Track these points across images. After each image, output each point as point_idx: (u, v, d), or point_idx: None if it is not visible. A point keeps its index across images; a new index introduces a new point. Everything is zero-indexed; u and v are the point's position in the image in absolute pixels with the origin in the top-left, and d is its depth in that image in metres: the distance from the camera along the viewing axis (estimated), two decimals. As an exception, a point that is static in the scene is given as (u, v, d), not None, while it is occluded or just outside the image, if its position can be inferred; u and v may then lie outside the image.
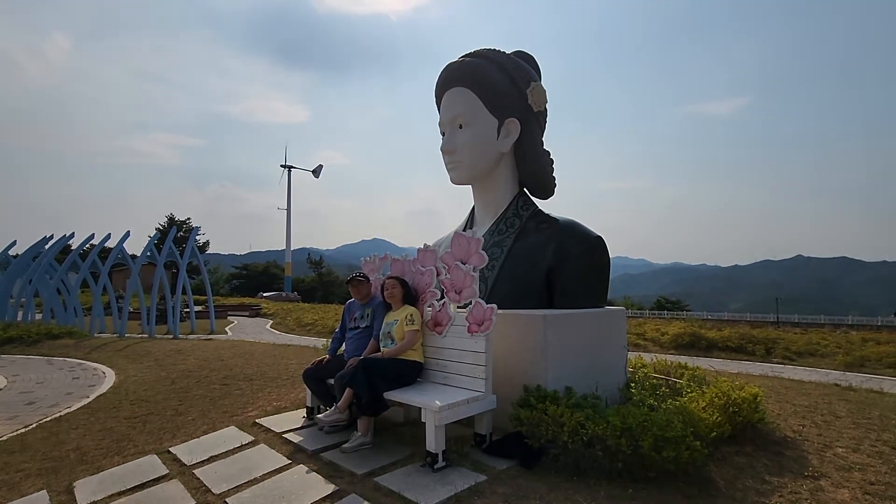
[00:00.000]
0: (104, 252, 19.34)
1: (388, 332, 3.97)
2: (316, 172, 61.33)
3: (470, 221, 5.33)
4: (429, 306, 4.05)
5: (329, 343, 4.92)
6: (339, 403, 3.67)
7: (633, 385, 4.57)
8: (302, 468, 3.36)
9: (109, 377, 8.60)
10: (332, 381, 4.10)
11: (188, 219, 55.45)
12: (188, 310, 18.65)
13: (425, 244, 4.26)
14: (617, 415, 3.17)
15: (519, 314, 3.90)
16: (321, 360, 4.28)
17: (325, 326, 18.61)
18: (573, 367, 3.94)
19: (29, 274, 16.39)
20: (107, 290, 16.64)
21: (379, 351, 4.13)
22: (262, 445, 3.87)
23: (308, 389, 4.39)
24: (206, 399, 6.27)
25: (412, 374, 3.89)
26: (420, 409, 3.33)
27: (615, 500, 2.85)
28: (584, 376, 4.01)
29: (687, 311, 51.19)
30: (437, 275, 4.02)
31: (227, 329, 19.19)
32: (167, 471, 3.54)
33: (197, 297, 29.88)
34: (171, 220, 52.74)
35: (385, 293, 4.10)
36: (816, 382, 8.73)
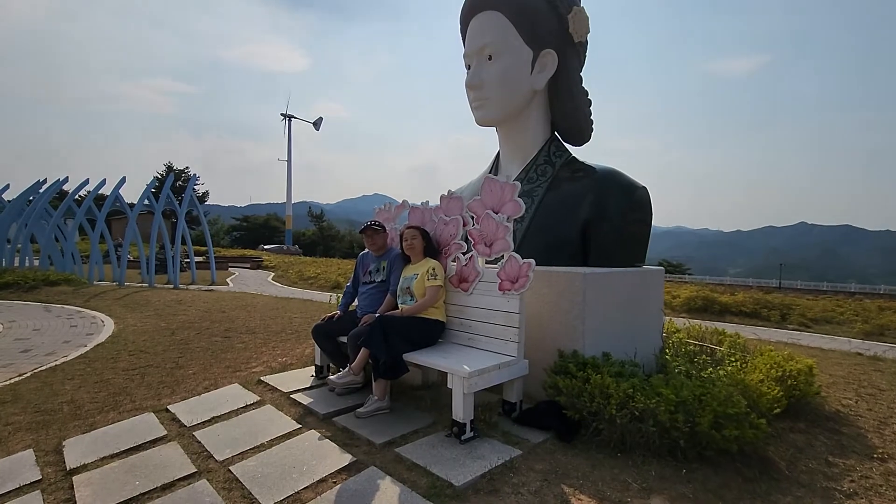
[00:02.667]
0: (100, 199, 18.82)
1: (407, 288, 3.56)
2: (316, 125, 59.68)
3: (494, 169, 4.82)
4: (453, 260, 3.63)
5: (340, 298, 4.54)
6: (353, 364, 3.31)
7: (668, 352, 4.22)
8: (313, 434, 3.03)
9: (108, 326, 8.32)
10: (343, 338, 3.74)
11: (186, 167, 54.41)
12: (188, 260, 18.33)
13: (449, 190, 3.78)
14: (669, 387, 2.81)
15: (556, 271, 3.47)
16: (332, 316, 3.90)
17: (327, 280, 18.36)
18: (611, 331, 3.56)
19: (24, 218, 15.94)
20: (104, 237, 16.24)
21: (396, 308, 3.73)
22: (268, 406, 3.54)
23: (317, 346, 4.04)
24: (208, 352, 5.98)
25: (434, 334, 3.51)
26: (444, 373, 2.97)
27: (668, 482, 2.52)
28: (621, 341, 3.64)
29: (689, 274, 51.16)
30: (464, 225, 3.57)
31: (228, 280, 18.97)
32: (165, 432, 3.22)
33: (197, 247, 29.59)
34: (170, 168, 51.76)
35: (403, 244, 3.66)
36: (840, 351, 8.47)
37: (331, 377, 3.29)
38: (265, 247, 44.03)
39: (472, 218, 3.52)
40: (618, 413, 2.68)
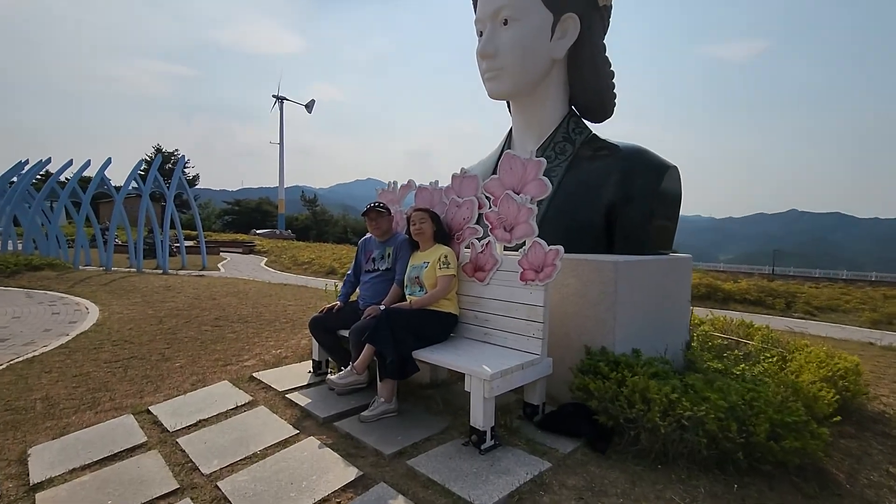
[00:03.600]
0: (85, 181, 18.18)
1: (416, 277, 3.20)
2: (309, 107, 58.48)
3: (507, 147, 4.43)
4: (467, 247, 3.26)
5: (339, 286, 4.18)
6: (356, 363, 2.95)
7: (696, 346, 3.92)
8: (313, 442, 2.69)
9: (93, 313, 7.91)
10: (344, 332, 3.38)
11: (176, 150, 53.26)
12: (178, 244, 17.82)
13: (462, 168, 3.39)
14: (715, 390, 2.49)
15: (583, 259, 3.12)
16: (331, 308, 3.53)
17: (322, 266, 17.95)
18: (641, 325, 3.23)
19: (5, 201, 15.33)
20: (90, 220, 15.69)
21: (402, 299, 3.38)
22: (261, 408, 3.19)
23: (314, 341, 3.68)
24: (197, 342, 5.61)
25: (446, 328, 3.16)
26: (455, 371, 2.62)
27: (720, 501, 2.21)
28: (651, 336, 3.31)
29: (683, 261, 51.09)
30: (479, 207, 3.20)
31: (219, 265, 18.50)
32: (145, 438, 2.86)
33: (187, 231, 28.97)
34: (158, 150, 50.62)
35: (411, 228, 3.29)
36: (853, 342, 8.25)
37: (331, 377, 2.93)
38: (257, 231, 43.39)
39: (489, 199, 3.15)
40: (662, 422, 2.35)
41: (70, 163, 16.21)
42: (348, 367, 2.94)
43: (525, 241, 2.91)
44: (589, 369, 2.80)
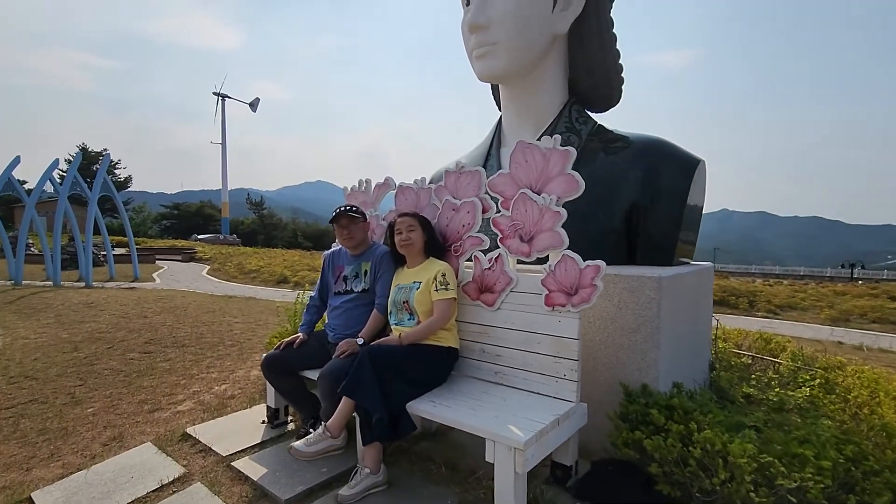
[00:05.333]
0: (-10, 183, 15.96)
1: (404, 302, 2.47)
2: (253, 106, 55.85)
3: (497, 138, 3.78)
4: (468, 260, 2.57)
5: (298, 301, 3.36)
6: (329, 423, 2.18)
7: (718, 366, 3.42)
8: (272, 546, 1.90)
9: (-10, 340, 6.57)
10: (309, 374, 2.61)
11: (105, 149, 49.07)
12: (105, 253, 15.98)
13: (458, 162, 2.69)
14: (806, 445, 1.93)
15: (614, 274, 2.50)
16: (291, 342, 2.73)
17: (272, 274, 16.66)
18: (679, 351, 2.66)
19: None
20: (-5, 227, 13.68)
21: (383, 329, 2.64)
22: (197, 486, 2.34)
23: (269, 384, 2.85)
24: (119, 377, 4.61)
25: (445, 368, 2.46)
26: (477, 438, 1.93)
27: None
28: (685, 362, 2.76)
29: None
30: (484, 211, 2.52)
31: (154, 276, 16.79)
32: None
33: (117, 238, 26.48)
34: (84, 150, 46.42)
35: (396, 239, 2.55)
36: (823, 341, 8.26)
37: (296, 444, 2.14)
38: (199, 237, 40.70)
39: (497, 201, 2.48)
40: (756, 496, 1.75)
41: (-30, 162, 14.09)
42: (319, 430, 2.16)
43: (549, 255, 2.26)
44: (635, 417, 2.18)
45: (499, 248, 2.43)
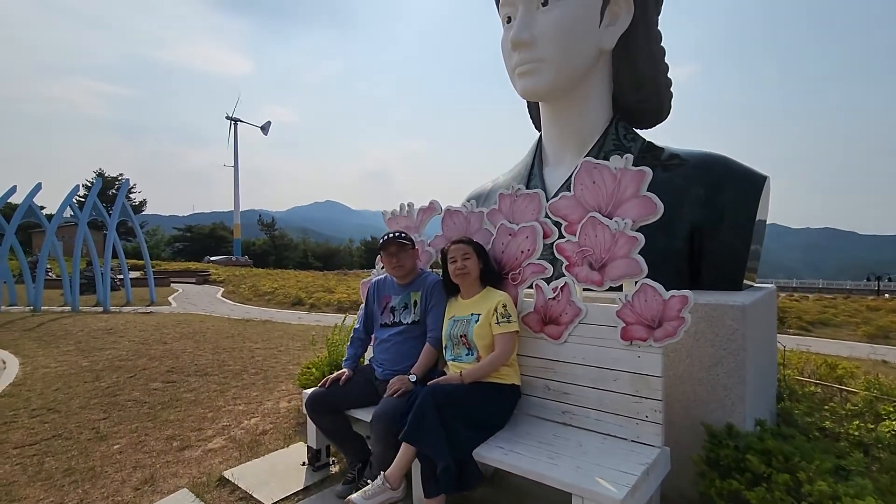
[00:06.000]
0: (9, 209, 16.16)
1: (462, 336, 2.29)
2: (264, 129, 56.88)
3: (538, 157, 3.64)
4: (529, 287, 2.39)
5: (346, 341, 3.18)
6: (389, 472, 1.98)
7: (785, 396, 3.18)
8: None
9: (10, 369, 6.49)
10: (358, 413, 2.42)
11: (120, 174, 49.95)
12: (122, 276, 16.01)
13: (513, 186, 2.53)
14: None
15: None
16: (337, 378, 2.55)
17: (286, 296, 16.55)
18: (758, 384, 2.44)
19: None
20: (15, 252, 13.76)
21: (436, 365, 2.46)
22: (242, 541, 2.16)
23: (311, 422, 2.66)
24: (143, 409, 4.45)
25: (508, 408, 2.26)
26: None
27: None
28: (760, 395, 2.53)
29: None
30: (545, 236, 2.35)
31: (170, 299, 16.75)
32: None
33: (133, 261, 26.66)
34: (101, 175, 47.30)
35: (451, 268, 2.39)
36: (866, 360, 7.90)
37: (354, 497, 1.94)
38: (212, 258, 40.97)
39: (560, 226, 2.31)
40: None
41: (-8, 189, 14.28)
42: (378, 481, 1.96)
43: (623, 284, 2.08)
44: (726, 463, 1.96)
45: (564, 276, 2.26)
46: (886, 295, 20.94)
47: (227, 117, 52.88)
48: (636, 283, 2.04)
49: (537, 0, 3.07)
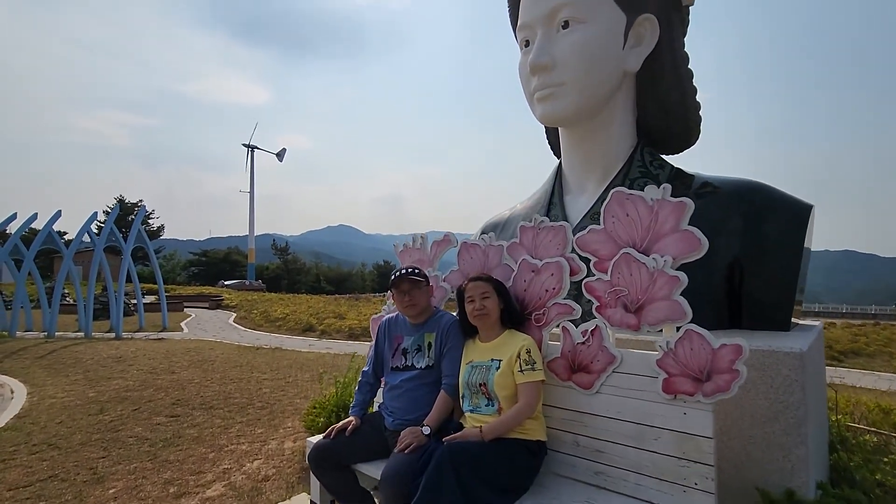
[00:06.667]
0: (31, 235, 16.42)
1: (481, 384, 2.06)
2: (280, 156, 58.03)
3: (558, 185, 3.45)
4: (556, 327, 2.16)
5: (354, 384, 2.95)
6: (401, 544, 1.75)
7: (838, 447, 2.86)
8: None
9: (18, 398, 6.41)
10: (364, 468, 2.19)
11: (140, 201, 51.00)
12: (136, 302, 16.04)
13: (535, 217, 2.34)
14: None
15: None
16: (343, 428, 2.32)
17: (297, 322, 16.41)
18: (818, 441, 2.15)
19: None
20: (33, 277, 13.88)
21: (451, 414, 2.23)
22: None
23: (314, 477, 2.42)
24: (144, 446, 4.27)
25: (534, 468, 2.00)
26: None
27: None
28: (819, 452, 2.24)
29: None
30: (571, 273, 2.13)
31: (182, 324, 16.71)
32: None
33: (148, 286, 26.86)
34: (121, 202, 48.34)
35: (468, 307, 2.18)
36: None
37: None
38: (225, 283, 41.25)
39: (588, 262, 2.09)
40: None
41: (14, 216, 14.55)
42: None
43: (663, 329, 1.84)
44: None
45: (595, 318, 2.03)
46: (918, 322, 20.08)
47: (245, 145, 54.06)
48: (678, 328, 1.81)
49: (557, 22, 2.93)
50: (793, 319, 2.74)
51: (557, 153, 3.68)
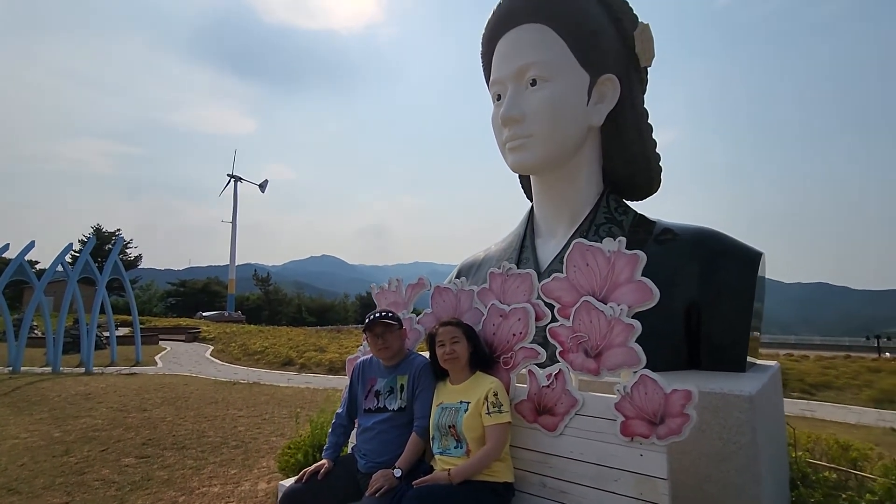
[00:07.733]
0: (2, 265, 16.00)
1: (450, 426, 2.13)
2: (262, 187, 58.10)
3: (530, 230, 3.61)
4: (523, 371, 2.26)
5: (327, 427, 2.97)
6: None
7: (799, 483, 2.97)
8: None
9: (-22, 438, 6.11)
10: (337, 513, 2.21)
11: (117, 230, 50.13)
12: (108, 335, 15.60)
13: (503, 264, 2.47)
14: None
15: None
16: (316, 471, 2.35)
17: (276, 356, 16.11)
18: (771, 478, 2.26)
19: None
20: (0, 309, 13.45)
21: (423, 455, 2.29)
22: None
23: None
24: (110, 490, 4.16)
25: (502, 509, 2.06)
26: None
27: None
28: (774, 487, 2.35)
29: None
30: (537, 319, 2.25)
31: (156, 358, 16.25)
32: None
33: (122, 317, 26.13)
34: (98, 231, 47.42)
35: (438, 351, 2.27)
36: (875, 427, 7.61)
37: None
38: (203, 314, 40.31)
39: (552, 308, 2.22)
40: None
41: (-14, 246, 14.20)
42: None
43: (621, 373, 1.96)
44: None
45: (559, 361, 2.14)
46: (887, 354, 20.63)
47: (228, 175, 54.01)
48: (635, 372, 1.92)
49: (526, 80, 3.15)
50: (750, 359, 2.89)
51: (530, 197, 3.86)
